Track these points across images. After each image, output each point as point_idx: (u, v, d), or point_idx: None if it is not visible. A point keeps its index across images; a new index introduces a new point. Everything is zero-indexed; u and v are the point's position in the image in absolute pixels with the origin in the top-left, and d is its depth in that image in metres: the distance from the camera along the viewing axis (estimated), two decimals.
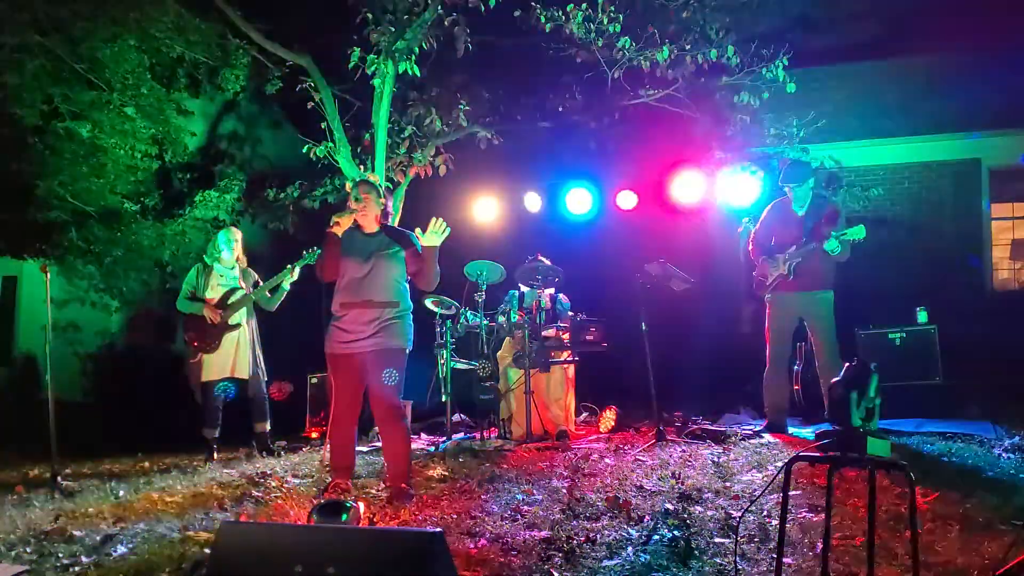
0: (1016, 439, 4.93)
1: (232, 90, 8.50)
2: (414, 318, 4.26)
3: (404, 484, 4.04)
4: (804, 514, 3.44)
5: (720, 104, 7.35)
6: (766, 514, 3.50)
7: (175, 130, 8.79)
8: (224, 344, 5.84)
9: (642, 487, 4.13)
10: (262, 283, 5.98)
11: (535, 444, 5.74)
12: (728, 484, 4.12)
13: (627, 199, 8.13)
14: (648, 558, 2.99)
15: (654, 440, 5.51)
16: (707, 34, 6.81)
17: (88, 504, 4.25)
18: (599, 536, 3.28)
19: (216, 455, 5.82)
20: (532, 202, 8.35)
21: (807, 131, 7.39)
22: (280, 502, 3.82)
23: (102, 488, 4.73)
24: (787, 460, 2.46)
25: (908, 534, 2.51)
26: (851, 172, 8.35)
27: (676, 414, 6.34)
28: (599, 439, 6.05)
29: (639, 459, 4.95)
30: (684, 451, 5.18)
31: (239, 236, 6.12)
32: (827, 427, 2.54)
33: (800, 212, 5.67)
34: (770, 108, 7.31)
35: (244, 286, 5.99)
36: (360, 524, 3.18)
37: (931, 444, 4.99)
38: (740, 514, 3.38)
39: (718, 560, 2.96)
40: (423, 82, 6.89)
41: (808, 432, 5.65)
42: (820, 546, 2.79)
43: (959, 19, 7.86)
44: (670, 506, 3.62)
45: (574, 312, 6.61)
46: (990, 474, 4.15)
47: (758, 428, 5.80)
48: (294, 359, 6.68)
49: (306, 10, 7.50)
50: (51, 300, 5.10)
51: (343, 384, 4.11)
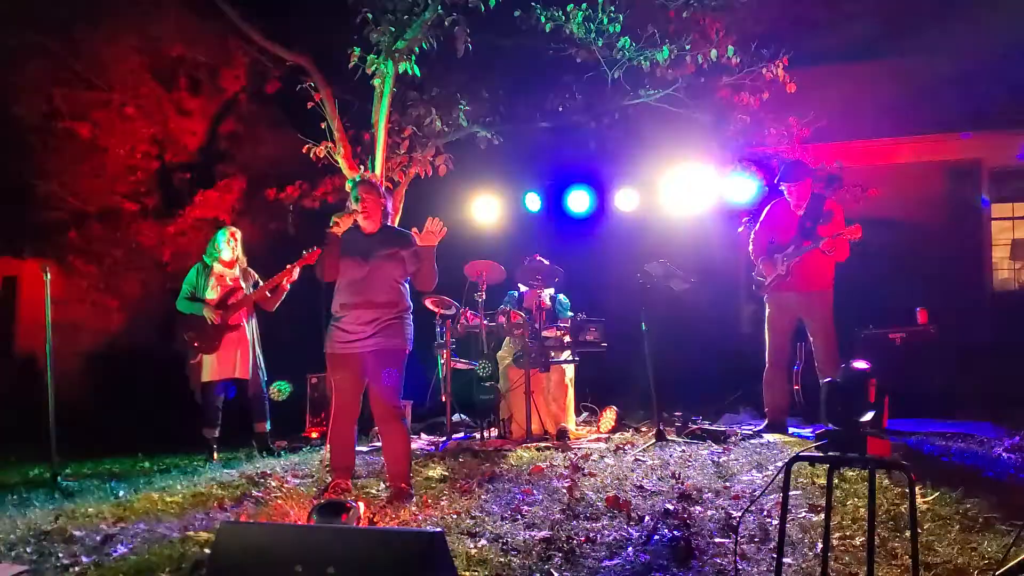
0: (1016, 439, 4.93)
1: (232, 90, 8.50)
2: (414, 318, 4.27)
3: (404, 484, 4.04)
4: (804, 514, 3.44)
5: (720, 104, 7.36)
6: (766, 514, 3.50)
7: (175, 130, 8.79)
8: (224, 344, 5.84)
9: (642, 487, 4.13)
10: (262, 283, 5.99)
11: (535, 444, 5.74)
12: (728, 484, 4.12)
13: (627, 199, 8.13)
14: (648, 558, 2.99)
15: (654, 440, 5.51)
16: (707, 34, 6.81)
17: (88, 504, 4.25)
18: (599, 536, 3.28)
19: (216, 455, 5.83)
20: (532, 202, 8.35)
21: (807, 131, 7.39)
22: (280, 502, 3.82)
23: (102, 488, 4.74)
24: (787, 460, 2.46)
25: (908, 534, 2.52)
26: (851, 172, 8.35)
27: (676, 414, 6.34)
28: (599, 439, 6.05)
29: (639, 459, 4.95)
30: (684, 451, 5.18)
31: (239, 236, 6.13)
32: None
33: (798, 212, 5.67)
34: (770, 108, 7.32)
35: (244, 286, 5.99)
36: (360, 524, 3.18)
37: (931, 444, 4.99)
38: (740, 514, 3.38)
39: (718, 560, 2.97)
40: (423, 82, 6.88)
41: (808, 432, 5.66)
42: (820, 546, 2.79)
43: (959, 19, 7.85)
44: (670, 506, 3.61)
45: (574, 312, 6.61)
46: (990, 474, 4.15)
47: (758, 428, 5.81)
48: (294, 359, 6.67)
49: (306, 10, 7.50)
50: (51, 300, 5.10)
51: (343, 384, 4.11)
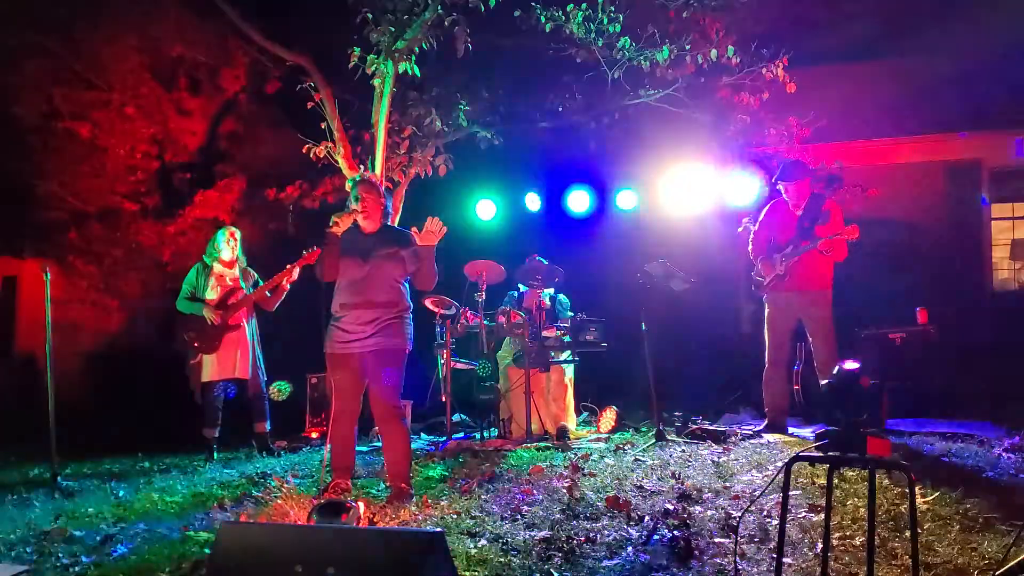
0: (1016, 439, 4.92)
1: (232, 90, 8.51)
2: (414, 318, 4.27)
3: (404, 484, 4.04)
4: (804, 514, 3.44)
5: (720, 104, 7.36)
6: (766, 514, 3.50)
7: (175, 130, 8.79)
8: (224, 345, 5.84)
9: (642, 487, 4.13)
10: (262, 283, 5.98)
11: (535, 444, 5.74)
12: (728, 484, 4.12)
13: (627, 199, 8.13)
14: (648, 558, 2.99)
15: (654, 440, 5.51)
16: (707, 34, 6.81)
17: (88, 504, 4.25)
18: (599, 536, 3.28)
19: (216, 455, 5.83)
20: (532, 202, 8.35)
21: (807, 131, 7.39)
22: (280, 502, 3.82)
23: (102, 488, 4.74)
24: (787, 460, 2.46)
25: (908, 534, 2.51)
26: (851, 172, 8.35)
27: (676, 414, 6.34)
28: (599, 439, 6.05)
29: (639, 459, 4.95)
30: (684, 451, 5.18)
31: (239, 236, 6.12)
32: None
33: (796, 212, 5.67)
34: (770, 108, 7.32)
35: (244, 286, 5.99)
36: (360, 524, 3.18)
37: (931, 444, 4.99)
38: (740, 514, 3.38)
39: (718, 560, 2.97)
40: (423, 82, 6.88)
41: (808, 432, 5.66)
42: (820, 546, 2.79)
43: (959, 19, 7.85)
44: (670, 506, 3.62)
45: (574, 312, 6.61)
46: (990, 474, 4.15)
47: (758, 428, 5.81)
48: (294, 359, 6.67)
49: (306, 10, 7.49)
50: (51, 300, 5.10)
51: (343, 384, 4.11)
